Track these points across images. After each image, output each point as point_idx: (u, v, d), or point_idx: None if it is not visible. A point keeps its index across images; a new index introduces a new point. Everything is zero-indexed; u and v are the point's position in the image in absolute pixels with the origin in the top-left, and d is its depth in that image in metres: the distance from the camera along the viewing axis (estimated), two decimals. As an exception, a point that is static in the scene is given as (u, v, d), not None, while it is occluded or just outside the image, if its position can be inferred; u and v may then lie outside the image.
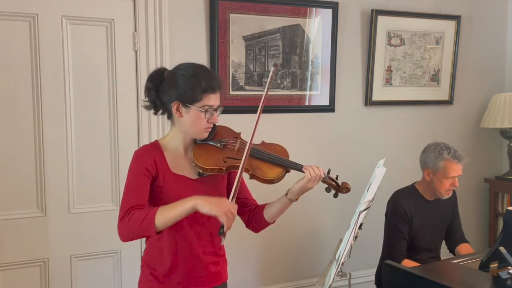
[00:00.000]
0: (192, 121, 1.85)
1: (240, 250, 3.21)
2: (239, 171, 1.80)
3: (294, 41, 3.26)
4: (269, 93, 3.21)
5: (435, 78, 3.78)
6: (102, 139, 2.83)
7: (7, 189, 2.65)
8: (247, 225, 2.08)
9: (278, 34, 3.21)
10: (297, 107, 3.33)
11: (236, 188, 1.79)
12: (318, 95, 3.38)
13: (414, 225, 2.84)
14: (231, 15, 3.05)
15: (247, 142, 1.86)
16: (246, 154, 1.81)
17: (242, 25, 3.09)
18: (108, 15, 2.80)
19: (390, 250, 2.81)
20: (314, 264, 3.46)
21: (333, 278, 1.81)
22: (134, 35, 2.86)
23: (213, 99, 1.85)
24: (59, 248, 2.76)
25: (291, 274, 3.41)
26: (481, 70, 3.99)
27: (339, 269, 1.81)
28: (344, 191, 1.99)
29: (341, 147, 3.50)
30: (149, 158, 1.84)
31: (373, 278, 3.08)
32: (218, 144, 1.91)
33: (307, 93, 3.34)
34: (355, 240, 1.89)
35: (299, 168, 1.92)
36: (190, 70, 1.85)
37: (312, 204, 3.40)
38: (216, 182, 1.96)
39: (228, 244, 1.91)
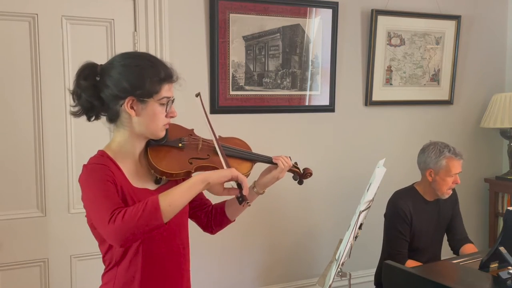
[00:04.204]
0: (149, 118, 1.56)
1: (240, 251, 3.20)
2: (217, 147, 1.65)
3: (294, 41, 3.26)
4: (269, 93, 3.21)
5: (435, 78, 3.78)
6: (102, 139, 2.82)
7: (7, 189, 2.65)
8: (205, 228, 1.87)
9: (278, 34, 3.21)
10: (297, 107, 3.33)
11: (224, 159, 1.65)
12: (318, 95, 3.38)
13: (414, 226, 2.84)
14: (231, 15, 3.05)
15: (206, 139, 1.72)
16: (220, 150, 1.66)
17: (242, 25, 3.09)
18: (108, 15, 2.80)
19: (391, 252, 2.79)
20: (314, 264, 3.46)
21: (333, 278, 1.81)
22: (134, 35, 2.86)
23: (171, 89, 1.60)
24: (59, 248, 2.76)
25: (291, 274, 3.41)
26: (481, 70, 3.98)
27: (339, 269, 1.81)
28: (308, 176, 1.89)
29: (341, 147, 3.50)
30: (109, 170, 1.54)
31: (373, 278, 3.08)
32: (179, 145, 1.66)
33: (307, 93, 3.34)
34: (355, 240, 1.89)
35: (269, 160, 1.78)
36: (141, 59, 1.58)
37: (311, 204, 3.41)
38: None
39: (227, 244, 1.90)
